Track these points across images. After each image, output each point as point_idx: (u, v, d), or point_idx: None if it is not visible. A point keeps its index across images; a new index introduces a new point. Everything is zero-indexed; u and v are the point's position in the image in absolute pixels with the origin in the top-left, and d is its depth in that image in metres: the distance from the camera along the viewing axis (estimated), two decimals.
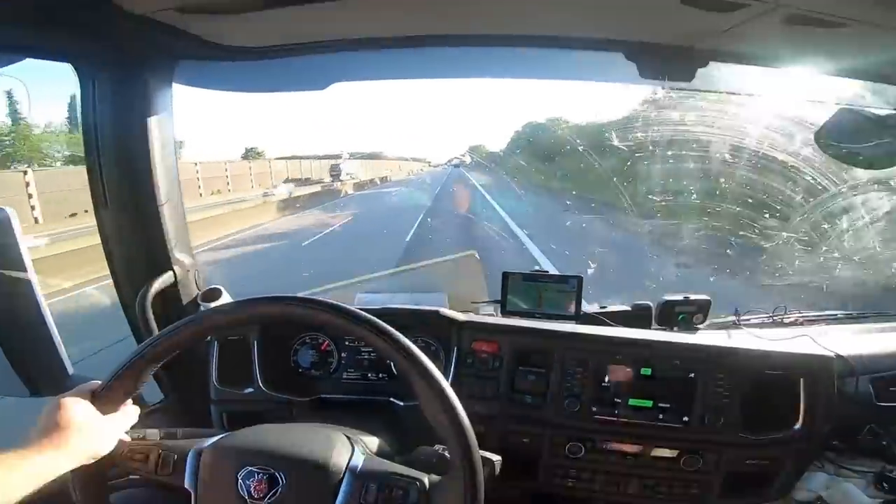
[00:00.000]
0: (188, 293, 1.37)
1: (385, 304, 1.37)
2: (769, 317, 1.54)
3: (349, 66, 1.38)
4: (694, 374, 1.16)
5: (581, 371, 1.20)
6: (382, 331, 0.76)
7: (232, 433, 0.83)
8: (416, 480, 0.75)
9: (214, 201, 18.32)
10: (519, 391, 1.23)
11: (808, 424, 1.14)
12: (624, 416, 1.18)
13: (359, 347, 1.35)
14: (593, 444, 1.21)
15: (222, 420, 1.31)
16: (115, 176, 1.20)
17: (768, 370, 1.16)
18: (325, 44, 1.21)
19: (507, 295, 1.43)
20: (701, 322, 1.42)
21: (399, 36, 1.19)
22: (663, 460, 1.19)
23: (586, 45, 1.14)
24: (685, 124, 4.64)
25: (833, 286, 5.37)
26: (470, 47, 1.22)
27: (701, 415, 1.15)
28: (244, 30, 1.11)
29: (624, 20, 1.05)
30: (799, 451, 1.17)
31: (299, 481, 0.75)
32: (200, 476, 0.77)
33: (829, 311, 1.61)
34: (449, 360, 1.28)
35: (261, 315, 0.86)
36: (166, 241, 1.28)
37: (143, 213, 1.24)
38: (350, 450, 0.80)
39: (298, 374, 1.36)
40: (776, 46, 1.06)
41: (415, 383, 0.74)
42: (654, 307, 1.44)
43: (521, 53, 1.25)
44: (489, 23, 1.14)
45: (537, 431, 1.23)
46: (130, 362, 0.78)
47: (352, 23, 1.13)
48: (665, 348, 1.21)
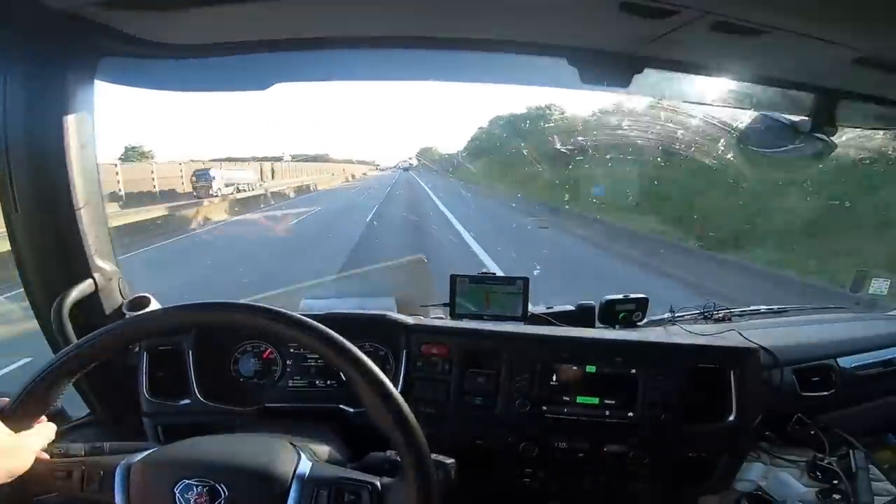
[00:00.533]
0: (111, 303, 1.28)
1: (331, 308, 1.34)
2: (700, 313, 1.64)
3: (292, 67, 1.35)
4: (635, 370, 1.20)
5: (530, 371, 1.21)
6: (323, 335, 0.74)
7: (164, 446, 0.78)
8: (367, 484, 0.73)
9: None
10: (469, 393, 1.23)
11: (741, 414, 1.20)
12: (573, 414, 1.21)
13: (304, 354, 1.31)
14: (546, 443, 1.22)
15: (157, 434, 1.23)
16: (26, 178, 1.10)
17: (702, 363, 1.21)
18: (265, 43, 1.16)
19: (455, 298, 1.43)
20: (640, 320, 1.49)
21: (342, 36, 1.17)
22: (613, 456, 1.22)
23: (531, 50, 1.16)
24: (622, 129, 4.88)
25: (757, 282, 5.79)
26: (415, 49, 1.21)
27: (644, 409, 1.19)
28: (176, 27, 1.06)
29: (567, 26, 1.08)
30: (734, 441, 1.22)
31: (243, 492, 0.71)
32: (132, 493, 0.71)
33: (754, 307, 1.73)
34: (398, 364, 1.26)
35: (198, 321, 0.82)
36: (85, 247, 1.19)
37: (58, 218, 1.15)
38: (296, 456, 0.77)
39: (240, 383, 1.30)
40: (704, 53, 1.13)
41: (358, 387, 0.73)
42: (597, 307, 1.50)
43: (467, 57, 1.25)
44: (434, 25, 1.14)
45: (490, 432, 1.23)
46: (42, 376, 0.72)
47: (293, 22, 1.10)
48: (608, 346, 1.25)
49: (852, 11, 0.86)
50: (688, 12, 0.88)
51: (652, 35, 1.01)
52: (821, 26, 0.89)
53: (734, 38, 0.95)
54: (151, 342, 1.24)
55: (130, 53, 1.12)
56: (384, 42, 1.18)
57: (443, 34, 1.17)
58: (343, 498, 0.72)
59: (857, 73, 1.08)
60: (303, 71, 1.40)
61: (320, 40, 1.17)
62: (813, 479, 1.28)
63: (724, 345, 1.28)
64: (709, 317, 1.63)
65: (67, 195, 1.14)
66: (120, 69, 1.21)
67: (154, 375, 1.24)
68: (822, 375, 1.47)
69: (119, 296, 1.31)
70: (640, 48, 1.11)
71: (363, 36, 1.17)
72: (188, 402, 1.22)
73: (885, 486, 1.25)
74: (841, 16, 0.87)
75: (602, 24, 1.05)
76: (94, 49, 1.11)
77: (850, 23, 0.89)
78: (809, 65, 1.12)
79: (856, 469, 1.23)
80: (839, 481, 1.23)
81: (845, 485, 1.21)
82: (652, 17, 0.90)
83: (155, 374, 1.25)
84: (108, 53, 1.13)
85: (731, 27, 0.89)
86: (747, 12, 0.83)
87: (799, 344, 1.53)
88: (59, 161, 1.11)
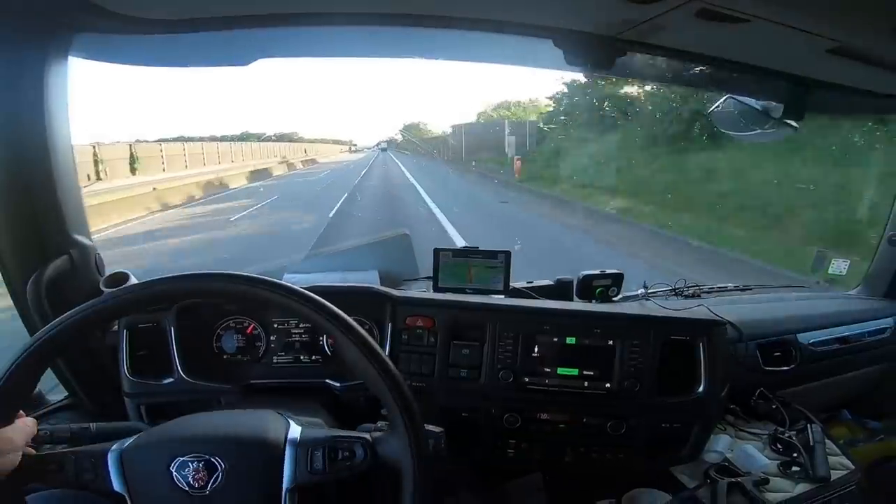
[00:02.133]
0: (89, 279, 1.26)
1: (314, 283, 1.34)
2: (672, 289, 1.72)
3: (277, 42, 1.31)
4: (612, 341, 1.25)
5: (512, 343, 1.25)
6: (312, 301, 0.75)
7: (152, 428, 0.79)
8: (360, 438, 0.75)
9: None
10: (454, 365, 1.26)
11: (709, 385, 1.26)
12: (554, 386, 1.25)
13: (289, 329, 1.31)
14: (528, 414, 1.27)
15: (140, 413, 1.22)
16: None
17: (673, 335, 1.27)
18: (247, 18, 1.12)
19: (438, 272, 1.45)
20: (616, 295, 1.55)
21: (328, 12, 1.15)
22: (592, 427, 1.27)
23: (518, 31, 1.17)
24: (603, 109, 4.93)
25: (724, 261, 5.99)
26: (399, 27, 1.20)
27: (621, 380, 1.24)
28: (156, 1, 1.02)
29: (554, 8, 1.09)
30: (703, 412, 1.28)
31: (239, 462, 0.72)
32: (128, 478, 0.71)
33: (721, 284, 1.82)
34: (384, 336, 1.28)
35: (181, 292, 0.81)
36: (60, 222, 1.17)
37: (32, 194, 1.12)
38: (285, 423, 0.78)
39: (224, 360, 1.30)
40: (687, 39, 1.15)
41: (343, 346, 0.74)
42: (575, 281, 1.55)
43: (452, 35, 1.25)
44: (421, 3, 1.13)
45: (475, 404, 1.27)
46: (18, 362, 0.69)
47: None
48: (587, 317, 1.29)
49: (827, 3, 0.89)
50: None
51: (638, 19, 1.03)
52: (799, 15, 0.93)
53: (716, 26, 0.98)
54: (131, 320, 1.22)
55: (107, 29, 1.07)
56: (369, 18, 1.16)
57: (428, 11, 1.16)
58: (337, 455, 0.74)
59: (829, 63, 1.13)
60: (287, 46, 1.37)
61: (305, 16, 1.14)
62: (774, 451, 1.35)
63: (694, 317, 1.35)
64: (680, 293, 1.72)
65: (42, 171, 1.11)
66: (95, 45, 1.17)
67: (135, 354, 1.23)
68: (784, 350, 1.56)
69: (96, 272, 1.28)
70: (626, 32, 1.13)
71: (348, 12, 1.15)
72: (171, 381, 1.21)
73: (840, 459, 1.32)
74: (818, 6, 0.90)
75: (589, 8, 1.06)
76: (68, 25, 1.07)
77: (826, 13, 0.92)
78: (785, 53, 1.16)
79: (813, 443, 1.30)
80: (798, 454, 1.29)
81: (804, 458, 1.28)
82: (640, 1, 0.92)
83: (135, 352, 1.23)
84: (83, 29, 1.09)
85: (715, 14, 0.92)
86: (733, 1, 0.86)
87: (763, 319, 1.62)
88: (33, 137, 1.09)
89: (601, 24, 1.12)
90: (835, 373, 1.68)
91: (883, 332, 1.75)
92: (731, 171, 7.93)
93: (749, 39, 1.05)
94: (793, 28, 0.95)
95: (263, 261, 6.23)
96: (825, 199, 6.26)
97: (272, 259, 6.67)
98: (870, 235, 3.07)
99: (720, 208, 7.61)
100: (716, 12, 0.90)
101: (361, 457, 0.74)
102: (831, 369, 1.66)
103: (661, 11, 0.97)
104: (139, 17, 1.05)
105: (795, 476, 1.25)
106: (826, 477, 1.23)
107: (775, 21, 0.92)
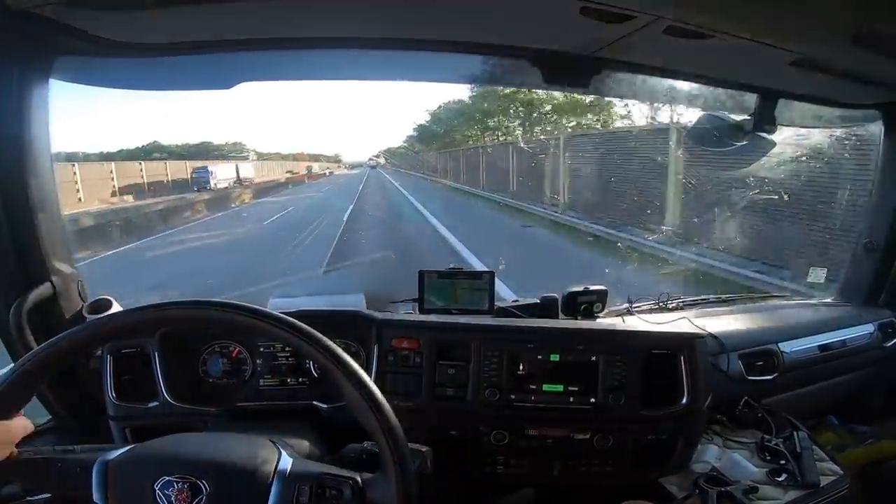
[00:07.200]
0: (71, 306, 1.24)
1: (300, 307, 1.33)
2: (656, 303, 1.73)
3: (258, 66, 1.33)
4: (595, 357, 1.25)
5: (497, 361, 1.25)
6: (302, 332, 0.75)
7: (143, 444, 0.77)
8: (349, 479, 0.74)
9: None
10: (441, 385, 1.25)
11: (692, 397, 1.26)
12: (540, 402, 1.25)
13: (274, 353, 1.30)
14: (516, 430, 1.26)
15: (126, 436, 1.20)
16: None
17: (655, 349, 1.27)
18: (229, 42, 1.15)
19: (423, 292, 1.46)
20: (600, 310, 1.56)
21: (308, 37, 1.17)
22: (579, 441, 1.26)
23: (496, 52, 1.20)
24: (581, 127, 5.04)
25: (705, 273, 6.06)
26: (380, 50, 1.23)
27: (605, 395, 1.24)
28: (137, 26, 1.03)
29: (531, 29, 1.12)
30: (688, 424, 1.28)
31: (225, 488, 0.71)
32: (110, 490, 0.70)
33: (704, 296, 1.84)
34: (370, 359, 1.27)
35: (161, 321, 0.81)
36: (41, 249, 1.15)
37: (12, 220, 1.11)
38: (277, 453, 0.77)
39: (209, 383, 1.28)
40: (658, 56, 1.20)
41: (339, 383, 0.74)
42: (560, 299, 1.56)
43: (433, 57, 1.28)
44: (400, 27, 1.16)
45: (462, 423, 1.26)
46: (14, 375, 0.70)
47: (257, 23, 1.08)
48: (569, 335, 1.30)
49: (786, 17, 0.94)
50: (643, 17, 0.94)
51: (610, 38, 1.07)
52: (759, 29, 0.97)
53: (684, 42, 1.02)
54: (115, 345, 1.20)
55: (89, 52, 1.08)
56: (351, 42, 1.19)
57: (408, 35, 1.19)
58: (325, 493, 0.73)
59: (793, 75, 1.17)
60: (268, 70, 1.39)
61: (286, 41, 1.16)
62: (762, 459, 1.34)
63: (672, 331, 1.36)
64: (663, 307, 1.73)
65: (22, 196, 1.10)
66: (77, 68, 1.18)
67: (119, 378, 1.21)
68: (766, 359, 1.57)
69: (79, 299, 1.27)
70: (599, 51, 1.16)
71: (329, 37, 1.17)
72: (156, 405, 1.19)
73: (829, 465, 1.31)
74: (776, 19, 0.95)
75: (564, 28, 1.09)
76: (50, 48, 1.07)
77: (786, 26, 0.97)
78: (751, 66, 1.21)
79: (800, 450, 1.31)
80: (786, 461, 1.29)
81: (792, 465, 1.28)
82: (610, 21, 0.96)
83: (120, 377, 1.21)
84: (64, 52, 1.09)
85: (681, 31, 0.96)
86: (696, 17, 0.90)
87: (744, 330, 1.64)
88: (12, 162, 1.08)
89: (576, 44, 1.16)
90: (818, 379, 1.70)
91: (864, 339, 1.77)
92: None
93: (716, 54, 1.10)
94: (755, 42, 0.99)
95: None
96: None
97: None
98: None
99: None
100: (682, 29, 0.94)
101: (349, 498, 0.73)
102: (815, 376, 1.68)
103: (632, 30, 1.01)
104: (121, 41, 1.06)
105: (784, 483, 1.25)
106: (815, 483, 1.23)
107: (738, 35, 0.96)
